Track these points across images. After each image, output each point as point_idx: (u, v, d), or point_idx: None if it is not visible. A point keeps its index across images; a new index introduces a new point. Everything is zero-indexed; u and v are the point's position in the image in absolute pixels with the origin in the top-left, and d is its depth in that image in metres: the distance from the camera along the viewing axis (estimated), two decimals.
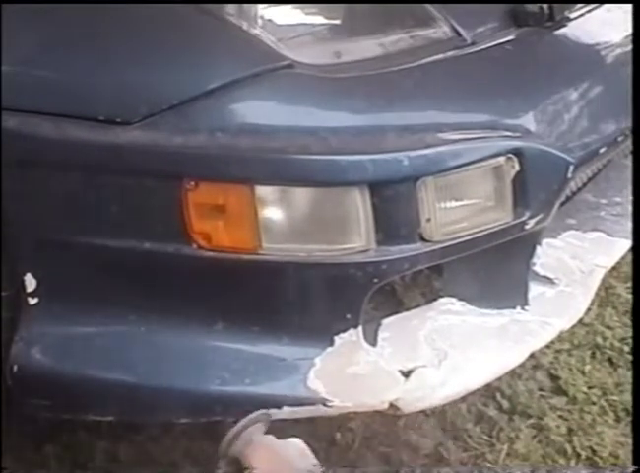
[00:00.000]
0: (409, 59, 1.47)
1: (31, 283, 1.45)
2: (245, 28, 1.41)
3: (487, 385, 1.62)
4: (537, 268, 1.62)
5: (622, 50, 1.69)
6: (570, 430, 1.83)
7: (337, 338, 1.42)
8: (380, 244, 1.38)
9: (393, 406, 1.45)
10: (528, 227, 1.47)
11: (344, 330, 1.42)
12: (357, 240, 1.38)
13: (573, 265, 1.68)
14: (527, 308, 1.57)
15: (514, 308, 1.56)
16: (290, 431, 1.47)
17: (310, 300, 1.42)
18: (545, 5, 1.60)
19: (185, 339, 1.45)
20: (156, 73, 1.39)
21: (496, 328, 1.54)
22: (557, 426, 1.83)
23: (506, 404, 1.87)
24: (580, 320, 1.67)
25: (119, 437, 1.76)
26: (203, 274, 1.41)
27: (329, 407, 1.43)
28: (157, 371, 1.46)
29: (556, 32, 1.64)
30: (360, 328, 1.43)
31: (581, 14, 1.70)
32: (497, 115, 1.46)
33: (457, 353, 1.49)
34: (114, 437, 1.76)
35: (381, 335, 1.50)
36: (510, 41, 1.58)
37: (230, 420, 1.48)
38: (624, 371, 1.95)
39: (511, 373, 1.83)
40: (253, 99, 1.39)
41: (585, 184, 1.80)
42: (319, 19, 1.53)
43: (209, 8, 1.41)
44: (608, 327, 2.07)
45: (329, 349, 1.43)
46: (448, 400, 1.53)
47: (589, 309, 1.73)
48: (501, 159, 1.41)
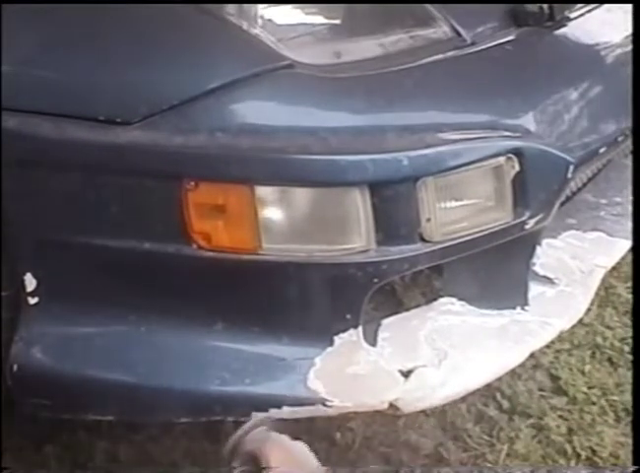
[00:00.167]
0: (409, 59, 1.47)
1: (31, 283, 1.45)
2: (245, 28, 1.41)
3: (487, 385, 1.62)
4: (537, 268, 1.62)
5: (622, 50, 1.69)
6: (570, 430, 1.83)
7: (337, 338, 1.43)
8: (380, 244, 1.38)
9: (393, 406, 1.45)
10: (528, 227, 1.47)
11: (344, 330, 1.42)
12: (357, 240, 1.38)
13: (573, 265, 1.68)
14: (527, 308, 1.57)
15: (514, 308, 1.56)
16: (290, 430, 1.47)
17: (310, 300, 1.42)
18: (545, 5, 1.60)
19: (185, 339, 1.45)
20: (156, 73, 1.39)
21: (496, 328, 1.54)
22: (557, 426, 1.83)
23: (506, 404, 1.87)
24: (580, 320, 1.67)
25: (119, 437, 1.76)
26: (203, 274, 1.41)
27: (329, 407, 1.43)
28: (157, 371, 1.46)
29: (556, 32, 1.64)
30: (360, 328, 1.43)
31: (581, 14, 1.70)
32: (497, 115, 1.46)
33: (457, 353, 1.49)
34: (114, 437, 1.76)
35: (381, 335, 1.50)
36: (510, 41, 1.58)
37: (230, 420, 1.48)
38: (624, 371, 1.95)
39: (511, 373, 1.83)
40: (253, 99, 1.39)
41: (585, 184, 1.80)
42: (319, 19, 1.53)
43: (209, 8, 1.41)
44: (608, 327, 2.06)
45: (329, 349, 1.43)
46: (448, 400, 1.53)
47: (589, 309, 1.72)
48: (501, 159, 1.41)
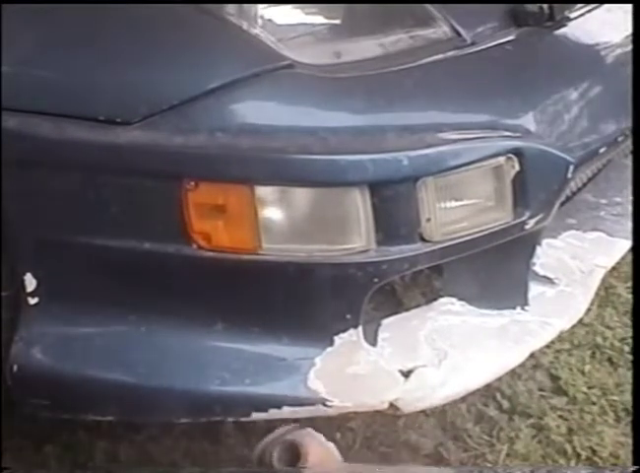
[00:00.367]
0: (409, 59, 1.47)
1: (31, 283, 1.45)
2: (245, 28, 1.41)
3: (487, 385, 1.62)
4: (537, 268, 1.62)
5: (622, 50, 1.69)
6: (570, 430, 1.83)
7: (337, 338, 1.42)
8: (380, 244, 1.38)
9: (393, 406, 1.45)
10: (528, 227, 1.47)
11: (344, 330, 1.42)
12: (357, 240, 1.38)
13: (573, 265, 1.68)
14: (527, 308, 1.57)
15: (514, 308, 1.56)
16: None
17: (310, 300, 1.42)
18: (545, 5, 1.60)
19: (185, 339, 1.45)
20: (156, 73, 1.39)
21: (496, 328, 1.54)
22: (557, 426, 1.83)
23: (506, 404, 1.87)
24: (580, 320, 1.67)
25: (119, 437, 1.76)
26: (203, 274, 1.41)
27: (329, 407, 1.43)
28: (157, 372, 1.46)
29: (556, 32, 1.64)
30: (360, 328, 1.43)
31: (581, 14, 1.70)
32: (497, 115, 1.46)
33: (457, 353, 1.49)
34: (114, 437, 1.75)
35: (381, 335, 1.50)
36: (510, 41, 1.58)
37: (231, 420, 1.48)
38: (624, 371, 1.95)
39: (511, 373, 1.83)
40: (253, 99, 1.39)
41: (585, 184, 1.80)
42: (319, 19, 1.53)
43: (209, 8, 1.41)
44: (608, 327, 2.06)
45: (329, 349, 1.43)
46: (448, 400, 1.53)
47: (589, 309, 1.72)
48: (501, 159, 1.41)
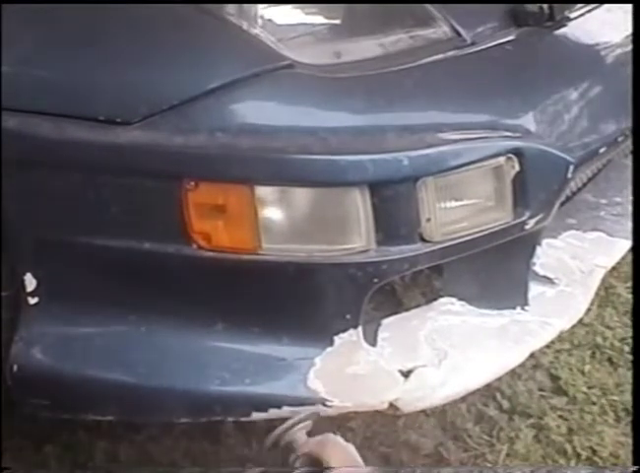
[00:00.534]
0: (409, 59, 1.47)
1: (31, 283, 1.45)
2: (245, 28, 1.41)
3: (487, 385, 1.62)
4: (537, 268, 1.62)
5: (622, 50, 1.69)
6: (570, 430, 1.83)
7: (337, 338, 1.42)
8: (380, 244, 1.38)
9: (393, 406, 1.45)
10: (528, 227, 1.47)
11: (344, 330, 1.42)
12: (357, 240, 1.38)
13: (573, 265, 1.68)
14: (527, 308, 1.57)
15: (514, 308, 1.56)
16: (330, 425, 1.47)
17: (310, 300, 1.42)
18: (545, 5, 1.60)
19: (185, 339, 1.45)
20: (156, 73, 1.39)
21: (496, 328, 1.54)
22: (557, 426, 1.83)
23: (506, 404, 1.87)
24: (580, 320, 1.67)
25: (119, 437, 1.76)
26: (203, 274, 1.41)
27: (329, 407, 1.43)
28: (157, 372, 1.46)
29: (556, 32, 1.64)
30: (360, 328, 1.43)
31: (581, 14, 1.70)
32: (497, 115, 1.46)
33: (457, 353, 1.49)
34: (114, 437, 1.76)
35: (381, 335, 1.50)
36: (510, 41, 1.58)
37: (231, 420, 1.48)
38: (624, 371, 1.95)
39: (511, 373, 1.83)
40: (253, 99, 1.39)
41: (585, 184, 1.80)
42: (319, 19, 1.53)
43: (209, 8, 1.41)
44: (608, 327, 2.06)
45: (329, 349, 1.43)
46: (448, 400, 1.53)
47: (589, 309, 1.72)
48: (501, 159, 1.41)
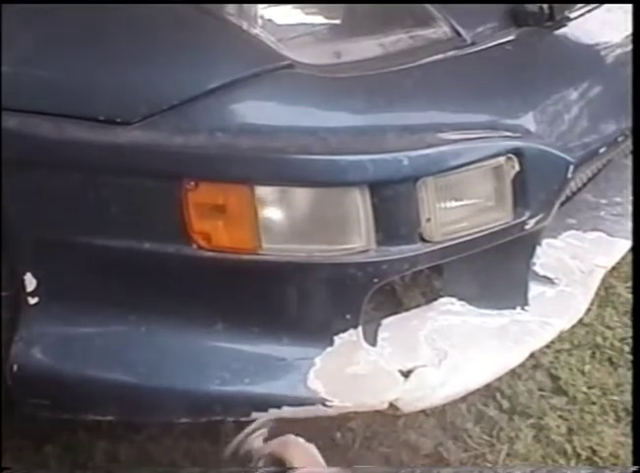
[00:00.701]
0: (409, 59, 1.47)
1: (31, 283, 1.45)
2: (245, 28, 1.41)
3: (487, 385, 1.62)
4: (537, 268, 1.62)
5: (622, 50, 1.69)
6: (570, 430, 1.83)
7: (337, 338, 1.42)
8: (380, 244, 1.38)
9: (393, 406, 1.45)
10: (528, 227, 1.47)
11: (344, 330, 1.42)
12: (357, 240, 1.38)
13: (573, 265, 1.68)
14: (527, 308, 1.57)
15: (514, 308, 1.56)
16: (291, 430, 1.47)
17: (310, 300, 1.42)
18: (545, 5, 1.60)
19: (185, 339, 1.45)
20: (156, 73, 1.39)
21: (496, 328, 1.54)
22: (557, 426, 1.83)
23: (506, 404, 1.87)
24: (580, 320, 1.67)
25: (119, 437, 1.76)
26: (203, 274, 1.41)
27: (329, 407, 1.43)
28: (157, 371, 1.46)
29: (556, 32, 1.64)
30: (360, 328, 1.43)
31: (581, 14, 1.70)
32: (497, 115, 1.46)
33: (457, 353, 1.49)
34: (114, 437, 1.76)
35: (381, 335, 1.50)
36: (510, 41, 1.58)
37: (231, 420, 1.48)
38: (624, 371, 1.95)
39: (511, 373, 1.83)
40: (253, 99, 1.39)
41: (585, 184, 1.80)
42: (319, 19, 1.53)
43: (209, 8, 1.41)
44: (608, 327, 2.06)
45: (329, 349, 1.43)
46: (448, 400, 1.53)
47: (589, 309, 1.72)
48: (501, 159, 1.41)
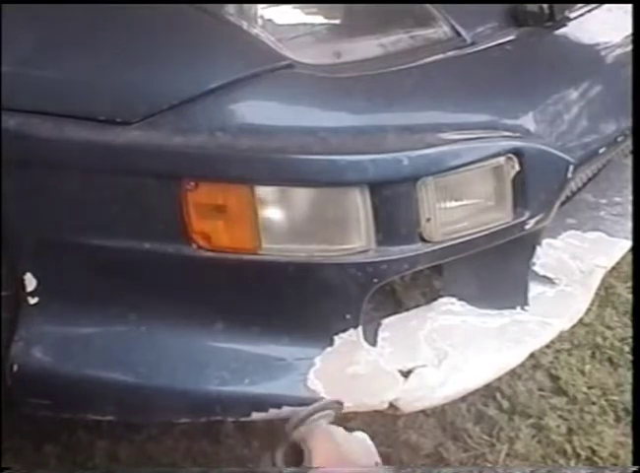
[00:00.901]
0: (409, 59, 1.47)
1: (31, 283, 1.45)
2: (245, 28, 1.41)
3: (487, 385, 1.62)
4: (537, 268, 1.62)
5: (622, 50, 1.69)
6: (570, 430, 1.83)
7: (337, 338, 1.42)
8: (380, 244, 1.38)
9: (393, 406, 1.45)
10: (528, 227, 1.47)
11: (343, 330, 1.42)
12: (357, 241, 1.38)
13: (573, 265, 1.68)
14: (527, 308, 1.57)
15: (514, 308, 1.56)
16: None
17: (310, 300, 1.42)
18: (545, 5, 1.60)
19: (185, 339, 1.45)
20: (155, 73, 1.39)
21: (496, 328, 1.54)
22: (557, 426, 1.83)
23: (506, 404, 1.87)
24: (580, 320, 1.67)
25: (119, 437, 1.76)
26: (203, 274, 1.41)
27: None
28: (156, 371, 1.46)
29: (556, 32, 1.64)
30: (360, 328, 1.43)
31: (581, 14, 1.70)
32: (497, 115, 1.46)
33: (457, 353, 1.49)
34: (114, 437, 1.76)
35: (381, 335, 1.50)
36: (510, 41, 1.57)
37: (230, 420, 1.48)
38: (624, 371, 1.95)
39: (511, 373, 1.83)
40: (253, 99, 1.39)
41: (585, 184, 1.80)
42: (319, 19, 1.53)
43: (209, 8, 1.41)
44: (608, 327, 2.06)
45: (329, 349, 1.43)
46: (448, 400, 1.53)
47: (589, 309, 1.72)
48: (501, 159, 1.41)
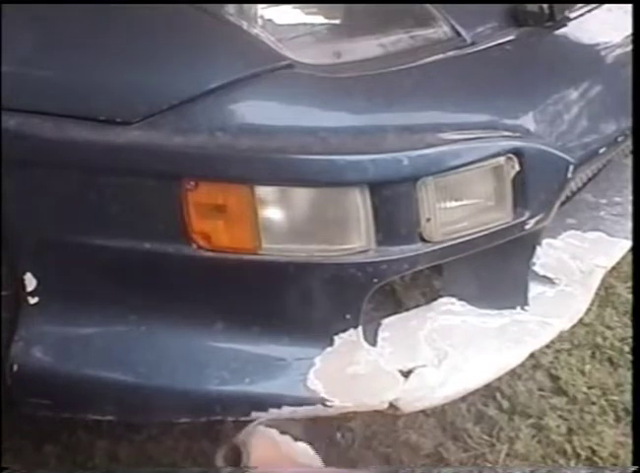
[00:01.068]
0: (409, 59, 1.47)
1: (31, 283, 1.45)
2: (245, 28, 1.41)
3: (487, 385, 1.62)
4: (537, 268, 1.62)
5: (622, 50, 1.69)
6: (570, 430, 1.83)
7: (337, 338, 1.42)
8: (380, 244, 1.38)
9: (393, 406, 1.45)
10: (528, 227, 1.47)
11: (343, 330, 1.42)
12: (357, 241, 1.38)
13: (573, 265, 1.68)
14: (527, 308, 1.57)
15: (514, 308, 1.56)
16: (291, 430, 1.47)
17: (310, 300, 1.42)
18: (545, 5, 1.60)
19: (185, 339, 1.45)
20: (156, 73, 1.39)
21: (496, 328, 1.54)
22: (557, 426, 1.83)
23: (506, 404, 1.87)
24: (580, 320, 1.67)
25: (119, 437, 1.76)
26: (203, 274, 1.41)
27: (329, 407, 1.43)
28: (156, 371, 1.46)
29: (556, 32, 1.64)
30: (360, 328, 1.43)
31: (581, 14, 1.70)
32: (497, 115, 1.46)
33: (457, 353, 1.49)
34: (114, 437, 1.76)
35: (381, 335, 1.50)
36: (510, 41, 1.57)
37: (230, 420, 1.48)
38: (624, 371, 1.95)
39: (511, 373, 1.83)
40: (253, 99, 1.39)
41: (585, 184, 1.80)
42: (319, 19, 1.53)
43: (209, 8, 1.41)
44: (608, 327, 2.06)
45: (329, 349, 1.43)
46: (448, 400, 1.53)
47: (589, 309, 1.72)
48: (501, 159, 1.41)
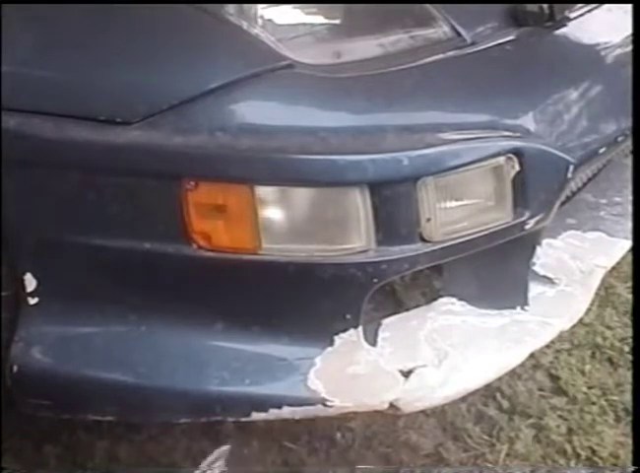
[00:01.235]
0: (409, 59, 1.47)
1: (31, 283, 1.45)
2: (245, 28, 1.41)
3: (487, 385, 1.62)
4: (537, 268, 1.62)
5: (622, 50, 1.69)
6: (570, 430, 1.83)
7: (337, 338, 1.42)
8: (380, 244, 1.38)
9: (393, 406, 1.45)
10: (528, 227, 1.47)
11: (344, 330, 1.42)
12: (357, 240, 1.38)
13: (573, 265, 1.68)
14: (527, 308, 1.57)
15: (514, 308, 1.56)
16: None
17: (310, 300, 1.42)
18: (545, 5, 1.60)
19: (185, 339, 1.45)
20: (156, 73, 1.39)
21: (496, 328, 1.54)
22: (557, 426, 1.83)
23: (506, 404, 1.87)
24: (580, 320, 1.67)
25: (119, 437, 1.76)
26: (203, 274, 1.41)
27: (329, 407, 1.43)
28: (157, 371, 1.46)
29: (556, 32, 1.64)
30: (360, 328, 1.43)
31: (581, 14, 1.70)
32: (497, 115, 1.46)
33: (457, 353, 1.49)
34: (114, 437, 1.76)
35: (381, 335, 1.50)
36: (510, 41, 1.58)
37: (230, 420, 1.48)
38: (624, 371, 1.95)
39: (511, 373, 1.83)
40: (253, 99, 1.39)
41: (585, 184, 1.80)
42: (319, 19, 1.53)
43: (209, 8, 1.41)
44: (608, 327, 2.06)
45: (329, 349, 1.43)
46: (448, 400, 1.53)
47: (589, 309, 1.72)
48: (501, 159, 1.41)
